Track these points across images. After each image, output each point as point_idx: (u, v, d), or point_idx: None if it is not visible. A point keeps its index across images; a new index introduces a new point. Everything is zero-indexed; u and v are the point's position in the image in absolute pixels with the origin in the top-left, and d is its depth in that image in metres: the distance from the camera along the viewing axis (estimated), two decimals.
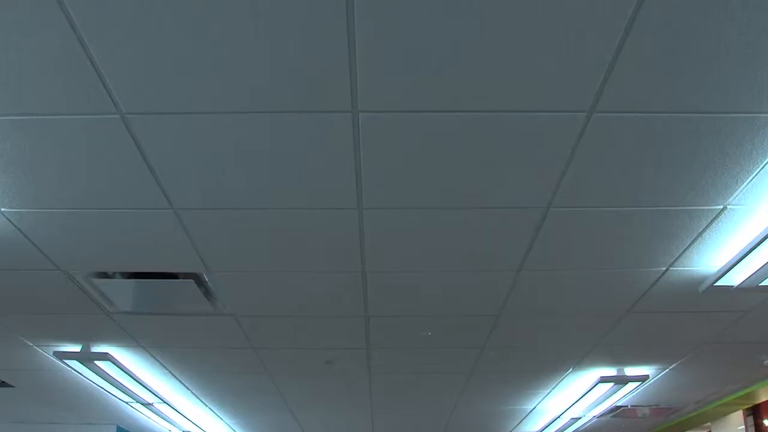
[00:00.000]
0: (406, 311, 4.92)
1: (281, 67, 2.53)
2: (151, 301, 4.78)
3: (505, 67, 2.54)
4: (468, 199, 3.44)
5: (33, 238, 3.84)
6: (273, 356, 5.93)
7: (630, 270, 4.29)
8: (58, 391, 7.14)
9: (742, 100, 2.73)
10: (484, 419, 8.62)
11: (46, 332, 5.40)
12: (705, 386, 7.25)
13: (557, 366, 6.34)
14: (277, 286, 4.50)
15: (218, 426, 8.78)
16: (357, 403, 7.70)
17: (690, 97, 2.71)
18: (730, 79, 2.61)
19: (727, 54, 2.49)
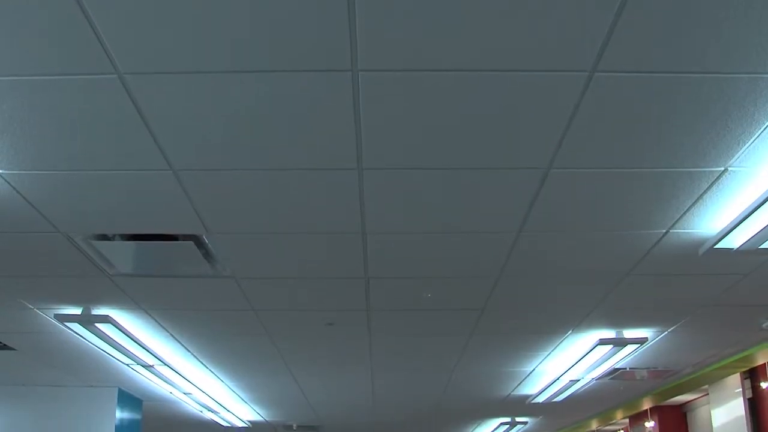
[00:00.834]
0: (406, 272, 4.93)
1: (281, 26, 2.51)
2: (151, 263, 4.79)
3: (507, 25, 2.52)
4: (468, 159, 3.43)
5: (32, 201, 3.83)
6: (273, 318, 5.95)
7: (630, 232, 4.29)
8: (60, 353, 7.17)
9: (746, 61, 2.71)
10: (484, 381, 8.67)
11: (46, 295, 5.41)
12: (703, 349, 7.29)
13: (557, 328, 6.37)
14: (277, 248, 4.50)
15: (219, 387, 8.83)
16: (357, 365, 7.75)
17: (692, 57, 2.69)
18: (733, 39, 2.58)
19: (730, 13, 2.46)
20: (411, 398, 9.94)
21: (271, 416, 11.34)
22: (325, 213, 4.01)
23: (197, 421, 11.42)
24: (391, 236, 4.32)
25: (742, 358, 7.57)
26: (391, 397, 9.74)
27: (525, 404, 10.09)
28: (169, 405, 10.08)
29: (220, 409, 10.12)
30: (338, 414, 11.33)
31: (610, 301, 5.53)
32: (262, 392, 9.36)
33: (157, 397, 9.33)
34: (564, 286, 5.24)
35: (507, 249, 4.52)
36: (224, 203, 3.88)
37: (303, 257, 4.65)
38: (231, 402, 9.87)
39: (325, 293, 5.37)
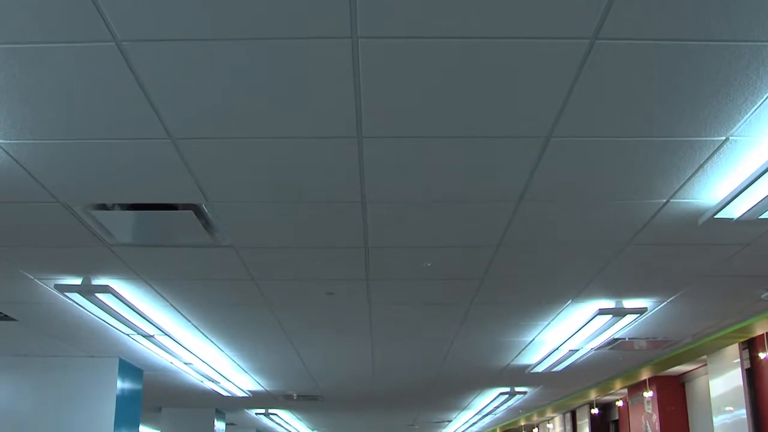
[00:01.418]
0: (406, 242, 4.93)
1: None
2: (150, 233, 4.78)
3: None
4: (468, 128, 3.42)
5: (31, 170, 3.82)
6: (273, 287, 5.96)
7: (630, 202, 4.29)
8: (60, 324, 7.19)
9: (748, 28, 2.69)
10: (484, 350, 8.71)
11: (46, 265, 5.41)
12: (702, 319, 7.31)
13: (556, 298, 6.38)
14: (276, 217, 4.50)
15: (219, 357, 8.87)
16: (357, 334, 7.77)
17: (694, 25, 2.67)
18: (736, 6, 2.56)
19: None
20: (411, 368, 9.99)
21: (271, 386, 11.40)
22: (324, 182, 4.00)
23: (198, 390, 11.48)
24: (390, 205, 4.32)
25: (741, 329, 7.59)
26: (391, 366, 9.79)
27: (524, 374, 10.14)
28: (169, 375, 10.13)
29: (221, 379, 10.17)
30: (338, 384, 11.39)
31: (610, 270, 5.54)
32: (263, 362, 9.40)
33: (157, 367, 9.37)
34: (564, 255, 5.25)
35: (507, 218, 4.52)
36: (224, 172, 3.88)
37: (303, 226, 4.65)
38: (231, 372, 9.92)
39: (325, 263, 5.37)
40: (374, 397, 12.77)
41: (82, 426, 8.62)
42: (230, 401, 12.75)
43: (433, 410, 15.25)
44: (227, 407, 14.30)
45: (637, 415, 12.51)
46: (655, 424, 11.70)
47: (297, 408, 14.71)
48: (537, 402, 14.07)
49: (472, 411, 15.09)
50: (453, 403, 14.18)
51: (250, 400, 12.82)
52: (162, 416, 14.34)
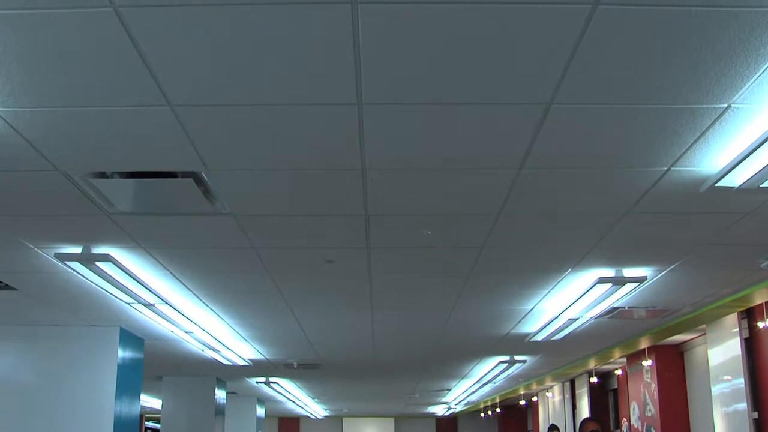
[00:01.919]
0: (406, 210, 4.93)
1: None
2: (150, 201, 4.78)
3: None
4: (469, 94, 3.40)
5: (29, 138, 3.81)
6: (273, 255, 5.97)
7: (631, 169, 4.28)
8: (61, 293, 7.21)
9: None
10: (483, 319, 8.73)
11: (46, 234, 5.41)
12: (701, 288, 7.33)
13: (556, 266, 6.39)
14: (276, 185, 4.50)
15: (219, 326, 8.90)
16: (357, 303, 7.79)
17: None
18: None
19: None
20: (410, 336, 10.03)
21: (271, 354, 11.45)
22: (324, 149, 3.99)
23: (199, 359, 11.53)
24: (391, 173, 4.31)
25: (740, 298, 7.61)
26: (391, 335, 9.82)
27: (524, 342, 10.17)
28: (170, 344, 10.16)
29: (221, 348, 10.21)
30: (338, 352, 11.43)
31: (610, 239, 5.54)
32: (263, 330, 9.43)
33: (158, 336, 9.40)
34: (564, 223, 5.25)
35: (507, 186, 4.51)
36: (223, 139, 3.86)
37: (303, 194, 4.65)
38: (232, 340, 9.95)
39: (325, 231, 5.37)
40: (374, 365, 12.83)
41: (83, 395, 8.66)
42: (231, 370, 12.81)
43: (433, 378, 15.33)
44: (228, 376, 14.37)
45: (635, 383, 12.58)
46: (653, 393, 11.77)
47: (297, 376, 14.79)
48: (536, 371, 14.15)
49: (472, 379, 15.17)
50: (453, 372, 14.25)
51: (251, 369, 12.88)
52: (163, 385, 14.42)
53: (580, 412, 16.00)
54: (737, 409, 8.90)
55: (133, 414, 9.30)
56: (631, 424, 12.93)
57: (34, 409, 8.60)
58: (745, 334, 8.85)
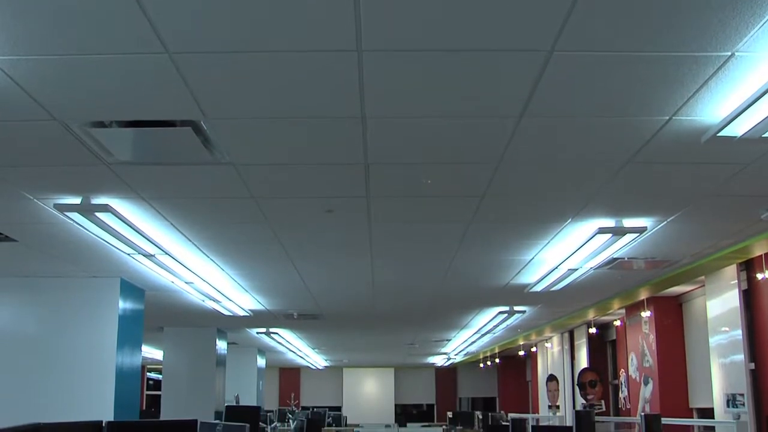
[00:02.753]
0: (406, 158, 4.91)
1: None
2: (149, 151, 4.76)
3: None
4: (470, 40, 3.37)
5: (26, 87, 3.78)
6: (273, 205, 5.96)
7: (632, 118, 4.25)
8: (61, 244, 7.22)
9: None
10: (483, 269, 8.75)
11: (45, 185, 5.41)
12: (701, 239, 7.33)
13: (556, 216, 6.38)
14: (276, 134, 4.47)
15: (220, 276, 8.92)
16: (357, 253, 7.80)
17: None
18: None
19: None
20: (410, 287, 10.07)
21: (272, 305, 11.50)
22: (324, 97, 3.97)
23: (199, 310, 11.58)
24: (390, 121, 4.29)
25: (740, 249, 7.62)
26: (391, 285, 9.86)
27: (523, 293, 10.21)
28: (171, 295, 10.21)
29: (222, 298, 10.25)
30: (338, 302, 11.49)
31: (610, 189, 5.52)
32: (263, 281, 9.47)
33: (159, 286, 9.44)
34: (564, 173, 5.23)
35: (508, 135, 4.48)
36: (221, 87, 3.84)
37: (302, 143, 4.63)
38: (232, 291, 9.99)
39: (325, 180, 5.36)
40: (374, 315, 12.89)
41: (85, 346, 8.72)
42: (231, 320, 12.88)
43: (432, 329, 15.42)
44: (228, 326, 14.46)
45: (634, 334, 12.66)
46: (651, 344, 11.85)
47: (298, 327, 14.88)
48: (535, 321, 14.23)
49: (471, 330, 15.26)
50: (452, 322, 14.33)
51: (251, 320, 12.95)
52: (164, 336, 14.52)
53: (579, 363, 16.13)
54: (734, 361, 8.97)
55: (135, 365, 9.38)
56: (629, 374, 13.04)
57: (36, 361, 8.67)
58: (744, 285, 8.89)
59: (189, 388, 14.11)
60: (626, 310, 12.82)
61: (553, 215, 6.36)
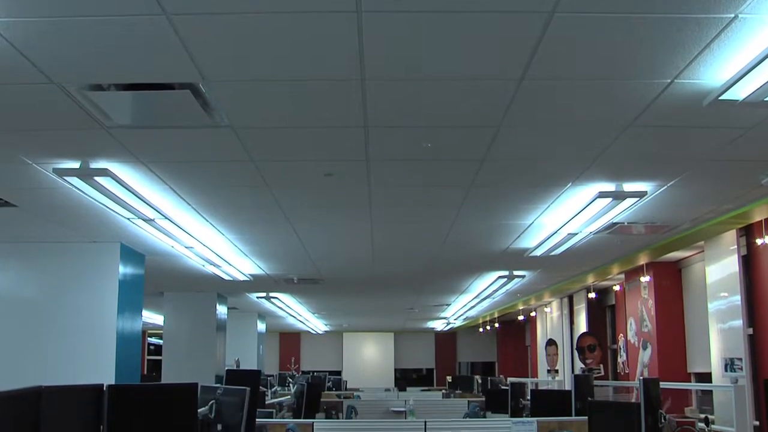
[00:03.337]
0: (406, 121, 4.89)
1: None
2: (147, 114, 4.74)
3: None
4: (471, 2, 3.34)
5: (22, 50, 3.76)
6: (272, 169, 5.95)
7: (634, 81, 4.23)
8: (61, 209, 7.21)
9: None
10: (483, 234, 8.76)
11: (44, 149, 5.39)
12: (701, 204, 7.33)
13: (556, 180, 6.37)
14: (275, 96, 4.45)
15: (220, 241, 8.93)
16: (357, 217, 7.80)
17: None
18: None
19: None
20: (410, 251, 10.08)
21: (272, 269, 11.52)
22: (323, 59, 3.95)
23: (199, 275, 11.61)
24: (390, 83, 4.27)
25: (739, 215, 7.62)
26: (391, 250, 9.87)
27: (523, 257, 10.22)
28: (171, 259, 10.22)
29: (222, 263, 10.27)
30: (338, 267, 11.51)
31: (611, 153, 5.51)
32: (263, 245, 9.48)
33: (159, 251, 9.44)
34: (565, 137, 5.22)
35: (508, 97, 4.46)
36: (220, 49, 3.81)
37: (302, 105, 4.61)
38: (232, 255, 10.00)
39: (324, 143, 5.35)
40: (374, 280, 12.92)
41: (86, 310, 8.75)
42: (232, 285, 12.91)
43: (432, 293, 15.46)
44: (229, 291, 14.51)
45: (633, 299, 12.70)
46: (650, 309, 11.89)
47: (298, 291, 14.92)
48: (535, 286, 14.26)
49: (471, 294, 15.30)
50: (452, 287, 14.37)
51: (252, 284, 12.98)
52: (164, 301, 14.56)
53: (578, 328, 16.20)
54: (733, 326, 9.00)
55: (136, 329, 9.41)
56: (627, 339, 13.10)
57: (37, 326, 8.70)
58: (743, 251, 8.90)
59: (189, 353, 14.18)
60: (625, 275, 12.84)
61: (553, 179, 6.35)
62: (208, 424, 6.04)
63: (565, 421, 7.33)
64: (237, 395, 6.08)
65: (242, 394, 6.06)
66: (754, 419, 8.39)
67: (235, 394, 6.09)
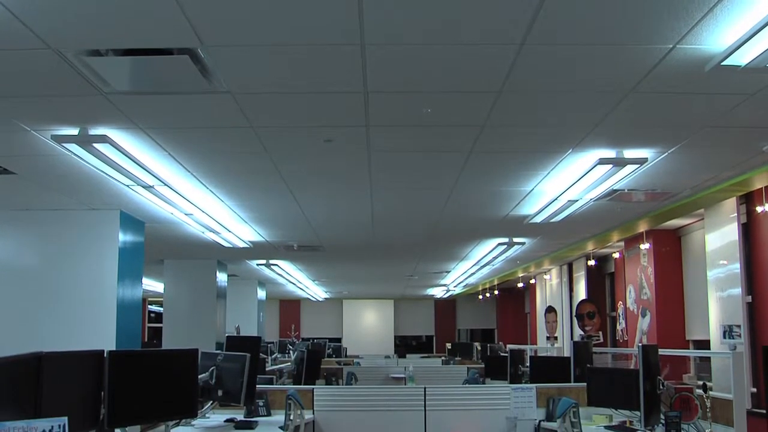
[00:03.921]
0: (406, 86, 4.87)
1: None
2: (146, 80, 4.71)
3: None
4: None
5: (19, 15, 3.74)
6: (271, 135, 5.93)
7: (636, 47, 4.21)
8: (60, 176, 7.20)
9: None
10: (483, 200, 8.75)
11: (42, 115, 5.38)
12: (702, 171, 7.32)
13: (557, 147, 6.35)
14: (274, 61, 4.43)
15: (219, 208, 8.92)
16: (356, 184, 7.79)
17: None
18: None
19: None
20: (410, 218, 10.08)
21: (271, 236, 11.53)
22: (323, 22, 3.91)
23: (199, 242, 11.62)
24: (390, 48, 4.24)
25: (740, 182, 7.60)
26: (390, 216, 9.87)
27: (523, 224, 10.21)
28: (171, 227, 10.22)
29: (222, 230, 10.27)
30: (338, 234, 11.52)
31: (612, 119, 5.49)
32: (263, 212, 9.48)
33: (158, 218, 9.44)
34: (566, 103, 5.20)
35: (509, 62, 4.44)
36: (218, 12, 3.78)
37: (301, 70, 4.58)
38: (232, 222, 10.01)
39: (324, 108, 5.32)
40: (374, 247, 12.94)
41: (86, 278, 8.77)
42: (231, 252, 12.93)
43: (431, 260, 15.49)
44: (229, 258, 14.53)
45: (632, 267, 12.71)
46: (650, 277, 11.91)
47: (298, 259, 14.95)
48: (535, 253, 14.28)
49: (471, 261, 15.32)
50: (452, 254, 14.39)
51: (251, 251, 13.00)
52: (165, 268, 14.59)
53: (577, 295, 16.24)
54: (731, 294, 9.02)
55: (136, 296, 9.44)
56: (627, 306, 13.13)
57: (37, 293, 8.73)
58: (743, 219, 8.88)
59: (190, 320, 14.24)
60: (625, 242, 12.85)
61: (553, 145, 6.33)
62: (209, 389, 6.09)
63: (564, 387, 7.38)
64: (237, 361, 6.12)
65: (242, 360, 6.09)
66: (752, 386, 8.43)
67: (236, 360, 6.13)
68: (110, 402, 4.48)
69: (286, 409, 6.25)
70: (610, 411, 6.68)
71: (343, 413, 7.22)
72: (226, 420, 6.51)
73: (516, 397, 7.18)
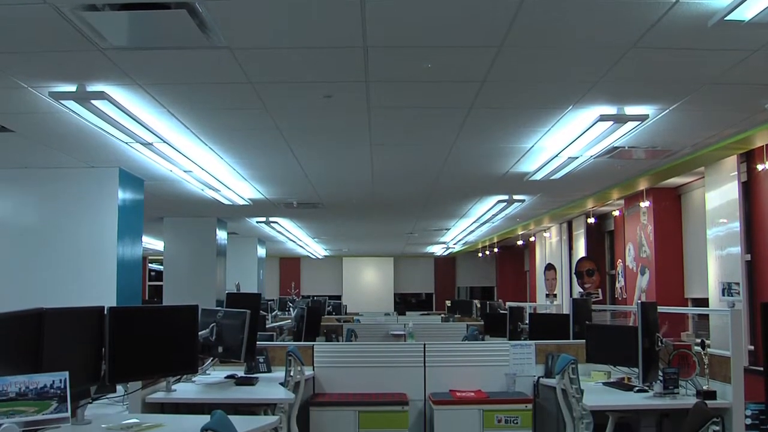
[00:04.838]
0: (406, 41, 4.83)
1: None
2: (143, 35, 4.66)
3: None
4: None
5: None
6: (270, 91, 5.89)
7: (638, 1, 4.15)
8: (58, 134, 7.18)
9: None
10: (483, 157, 8.72)
11: (39, 72, 5.35)
12: (703, 129, 7.29)
13: (558, 103, 6.32)
14: (273, 15, 4.39)
15: (219, 165, 8.90)
16: (356, 140, 7.77)
17: None
18: None
19: None
20: (409, 175, 10.06)
21: (271, 194, 11.52)
22: None
23: (199, 199, 11.60)
24: (390, 1, 4.19)
25: (741, 140, 7.58)
26: (390, 173, 9.85)
27: (523, 182, 10.20)
28: (170, 184, 10.20)
29: (221, 187, 10.25)
30: (338, 191, 11.51)
31: (613, 74, 5.45)
32: (263, 170, 9.46)
33: (158, 176, 9.43)
34: (567, 58, 5.16)
35: (510, 16, 4.39)
36: None
37: (300, 25, 4.54)
38: (231, 179, 9.98)
39: (323, 64, 5.28)
40: (373, 204, 12.93)
41: (86, 236, 8.80)
42: (231, 210, 12.93)
43: (431, 218, 15.49)
44: (228, 216, 14.53)
45: (632, 225, 12.73)
46: (649, 235, 11.93)
47: (297, 216, 14.95)
48: (534, 211, 14.28)
49: (470, 219, 15.32)
50: (451, 211, 14.39)
51: (251, 209, 13.00)
52: (164, 226, 14.60)
53: (577, 253, 16.29)
54: (731, 252, 9.04)
55: (136, 254, 9.46)
56: (626, 264, 13.17)
57: (38, 251, 8.77)
58: (744, 177, 8.88)
59: (190, 278, 14.28)
60: (625, 200, 12.85)
61: (554, 101, 6.30)
62: (209, 346, 6.11)
63: (563, 344, 7.41)
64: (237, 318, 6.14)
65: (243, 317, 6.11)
66: (749, 344, 8.48)
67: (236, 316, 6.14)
68: (111, 358, 4.49)
69: (287, 366, 6.28)
70: (609, 367, 6.72)
71: (343, 369, 7.27)
72: (226, 376, 6.54)
73: (515, 354, 7.22)
